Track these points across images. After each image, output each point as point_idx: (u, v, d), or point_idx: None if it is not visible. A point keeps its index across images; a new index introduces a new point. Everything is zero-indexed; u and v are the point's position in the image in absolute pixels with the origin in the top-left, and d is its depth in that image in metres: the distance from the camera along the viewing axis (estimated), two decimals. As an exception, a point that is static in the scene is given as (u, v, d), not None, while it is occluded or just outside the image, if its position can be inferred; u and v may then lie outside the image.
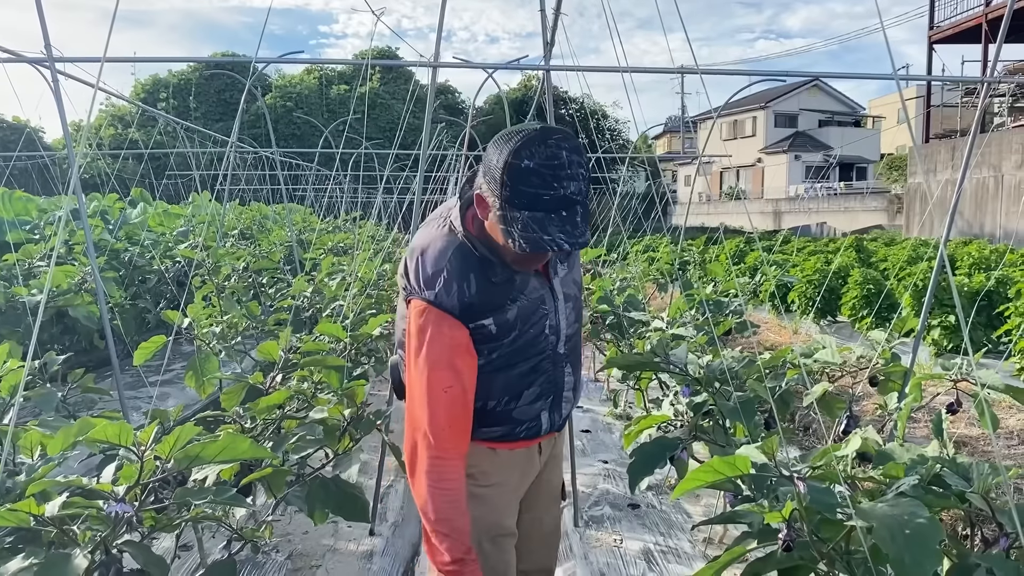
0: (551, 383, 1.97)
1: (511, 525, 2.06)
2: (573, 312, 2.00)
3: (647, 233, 15.48)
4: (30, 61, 3.96)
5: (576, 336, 2.05)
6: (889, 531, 1.48)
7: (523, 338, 1.86)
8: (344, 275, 6.41)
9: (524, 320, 1.85)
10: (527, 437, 2.01)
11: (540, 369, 1.92)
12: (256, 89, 6.42)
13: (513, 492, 2.08)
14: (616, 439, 5.48)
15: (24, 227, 7.61)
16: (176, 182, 16.34)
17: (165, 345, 3.75)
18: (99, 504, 1.73)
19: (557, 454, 2.26)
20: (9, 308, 5.28)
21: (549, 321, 1.91)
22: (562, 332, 1.96)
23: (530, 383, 1.92)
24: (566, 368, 2.01)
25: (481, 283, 1.78)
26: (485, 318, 1.79)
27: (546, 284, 1.92)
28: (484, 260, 1.79)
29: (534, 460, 2.10)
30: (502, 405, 1.92)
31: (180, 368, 7.19)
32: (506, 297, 1.82)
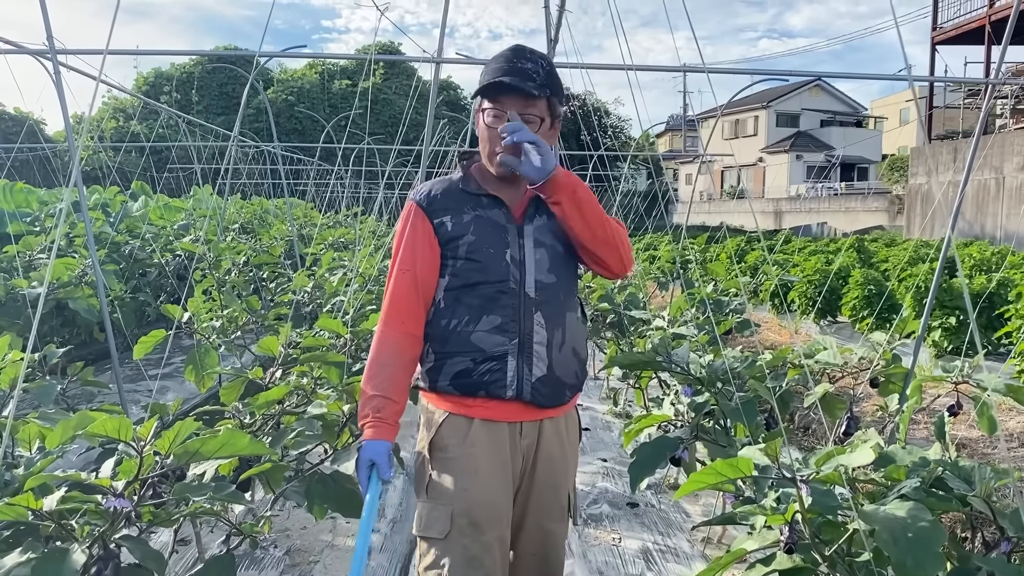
0: (515, 322, 1.99)
1: (483, 515, 1.97)
2: (547, 260, 2.04)
3: (648, 231, 15.48)
4: (32, 53, 3.94)
5: (553, 290, 2.04)
6: (891, 534, 1.48)
7: (480, 253, 2.01)
8: (345, 271, 6.40)
9: (479, 233, 2.02)
10: (491, 386, 1.98)
11: (502, 301, 2.00)
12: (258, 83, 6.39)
13: (489, 477, 1.99)
14: (615, 437, 5.48)
15: (25, 219, 7.60)
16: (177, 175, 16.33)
17: (165, 339, 3.75)
18: (97, 499, 1.72)
19: (556, 455, 2.08)
20: (9, 300, 5.27)
21: (510, 251, 2.02)
22: (528, 271, 2.02)
23: (489, 309, 2.00)
24: (536, 315, 2.00)
25: (449, 187, 2.08)
26: (445, 215, 2.03)
27: (512, 220, 2.05)
28: (464, 178, 2.09)
29: (515, 443, 2.02)
30: (462, 325, 2.00)
31: (179, 362, 7.18)
32: (465, 204, 2.05)
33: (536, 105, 1.99)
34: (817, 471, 1.60)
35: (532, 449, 2.05)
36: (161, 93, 35.69)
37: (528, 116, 1.98)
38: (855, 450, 1.59)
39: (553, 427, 2.08)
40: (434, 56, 3.67)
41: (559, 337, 2.03)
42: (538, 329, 2.00)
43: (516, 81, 1.95)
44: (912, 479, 1.84)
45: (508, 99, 1.98)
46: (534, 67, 1.99)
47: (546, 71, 2.01)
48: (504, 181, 2.06)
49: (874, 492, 1.97)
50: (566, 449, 2.12)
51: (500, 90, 1.98)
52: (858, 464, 1.54)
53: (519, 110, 1.96)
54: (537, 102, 1.99)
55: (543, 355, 2.00)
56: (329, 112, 33.07)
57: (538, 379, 1.99)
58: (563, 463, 2.11)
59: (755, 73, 5.83)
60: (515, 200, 2.07)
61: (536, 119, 1.99)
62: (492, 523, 1.98)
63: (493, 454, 2.00)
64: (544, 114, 2.01)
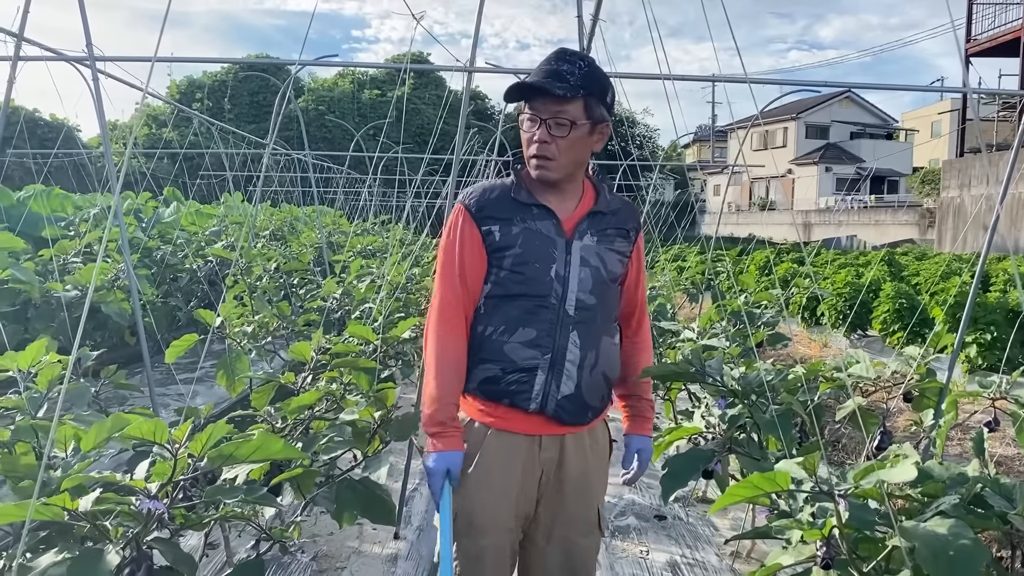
0: (550, 337, 1.99)
1: (482, 520, 2.00)
2: (591, 280, 2.02)
3: (677, 242, 15.39)
4: (71, 60, 4.01)
5: (592, 312, 2.02)
6: (932, 552, 1.45)
7: (525, 267, 1.99)
8: (373, 278, 6.43)
9: (527, 246, 1.99)
10: (516, 396, 1.99)
11: (540, 316, 1.99)
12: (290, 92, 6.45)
13: (496, 485, 2.00)
14: (642, 449, 5.44)
15: (60, 223, 7.72)
16: (209, 182, 16.52)
17: (196, 344, 3.78)
18: (131, 500, 1.74)
19: (579, 469, 2.06)
20: (44, 303, 5.34)
21: (556, 266, 2.00)
22: (571, 288, 2.00)
23: (527, 322, 1.99)
24: (572, 334, 1.99)
25: (501, 194, 2.04)
26: (494, 224, 2.00)
27: (563, 233, 2.02)
28: (516, 185, 2.05)
29: (533, 455, 2.02)
30: (497, 334, 2.00)
31: (210, 366, 7.20)
32: (516, 214, 2.01)
33: (567, 107, 1.94)
34: (856, 486, 1.57)
35: (554, 463, 2.04)
36: (193, 101, 36.16)
37: (559, 119, 1.94)
38: (895, 465, 1.56)
39: (575, 441, 2.07)
40: (466, 65, 3.69)
41: (591, 359, 2.02)
42: (572, 348, 2.00)
43: (543, 82, 1.94)
44: (951, 496, 1.81)
45: (540, 102, 1.96)
46: (570, 68, 1.95)
47: (584, 72, 1.96)
48: (555, 189, 2.04)
49: (911, 508, 1.94)
50: (591, 463, 2.10)
51: (527, 92, 1.98)
52: (899, 480, 1.51)
53: (550, 114, 1.94)
54: (568, 104, 1.94)
55: (573, 374, 2.00)
56: (359, 121, 33.30)
57: (564, 396, 1.99)
58: (587, 478, 2.09)
59: (788, 84, 5.78)
60: (567, 212, 2.05)
61: (567, 122, 1.94)
62: (490, 528, 2.01)
63: (506, 465, 2.01)
64: (578, 116, 1.95)
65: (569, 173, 2.03)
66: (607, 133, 2.05)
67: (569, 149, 1.98)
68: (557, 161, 1.98)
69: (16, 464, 2.00)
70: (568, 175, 2.03)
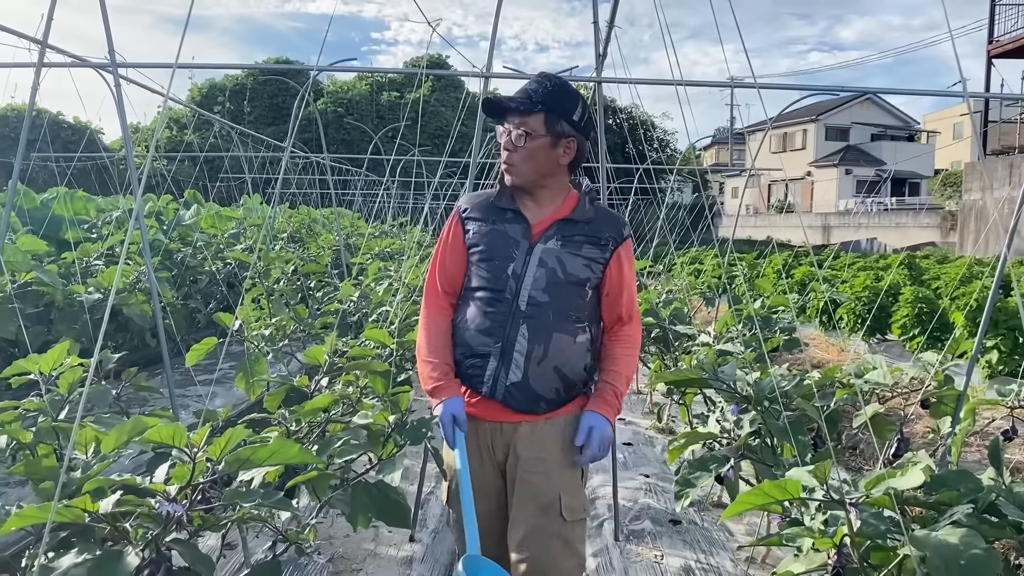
0: (502, 328, 2.20)
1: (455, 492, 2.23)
2: (545, 280, 2.20)
3: (694, 245, 15.35)
4: (94, 66, 4.06)
5: (544, 308, 2.19)
6: (944, 561, 1.45)
7: (487, 263, 2.24)
8: (391, 281, 6.46)
9: (491, 244, 2.25)
10: (472, 380, 2.23)
11: (495, 308, 2.22)
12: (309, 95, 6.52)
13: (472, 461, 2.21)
14: (658, 453, 5.44)
15: (83, 226, 7.81)
16: (229, 184, 16.64)
17: (215, 346, 3.82)
18: (151, 502, 1.77)
19: (532, 454, 2.22)
20: (67, 305, 5.41)
21: (514, 265, 2.22)
22: (524, 286, 2.20)
23: (484, 313, 2.23)
24: (522, 327, 2.19)
25: (485, 199, 2.32)
26: (473, 223, 2.29)
27: (529, 236, 2.24)
28: (499, 192, 2.31)
29: (496, 439, 2.24)
30: (463, 322, 2.27)
31: (228, 368, 7.28)
32: (491, 216, 2.28)
33: (528, 120, 2.18)
34: (867, 494, 1.57)
35: (513, 447, 2.23)
36: (214, 104, 36.42)
37: (520, 130, 2.18)
38: (905, 473, 1.57)
39: (531, 429, 2.23)
40: (483, 70, 3.71)
41: (539, 352, 2.18)
42: (520, 339, 2.19)
43: (501, 97, 2.26)
44: (964, 504, 1.80)
45: (510, 116, 2.22)
46: (536, 87, 2.20)
47: (548, 91, 2.20)
48: (531, 196, 2.28)
49: (925, 517, 1.93)
50: (548, 450, 2.22)
51: (493, 107, 2.27)
52: (908, 487, 1.51)
53: (514, 125, 2.19)
54: (528, 117, 2.18)
55: (521, 363, 2.18)
56: (377, 123, 33.46)
57: (512, 384, 2.19)
58: (544, 464, 2.21)
59: (804, 88, 5.76)
60: (539, 217, 2.27)
61: (525, 133, 2.17)
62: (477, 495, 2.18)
63: (473, 441, 2.25)
64: (537, 129, 2.18)
65: (533, 181, 2.25)
66: (574, 148, 2.25)
67: (529, 158, 2.20)
68: (518, 168, 2.22)
69: (38, 466, 2.04)
70: (534, 183, 2.25)
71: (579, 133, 2.24)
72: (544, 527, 2.18)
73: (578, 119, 2.23)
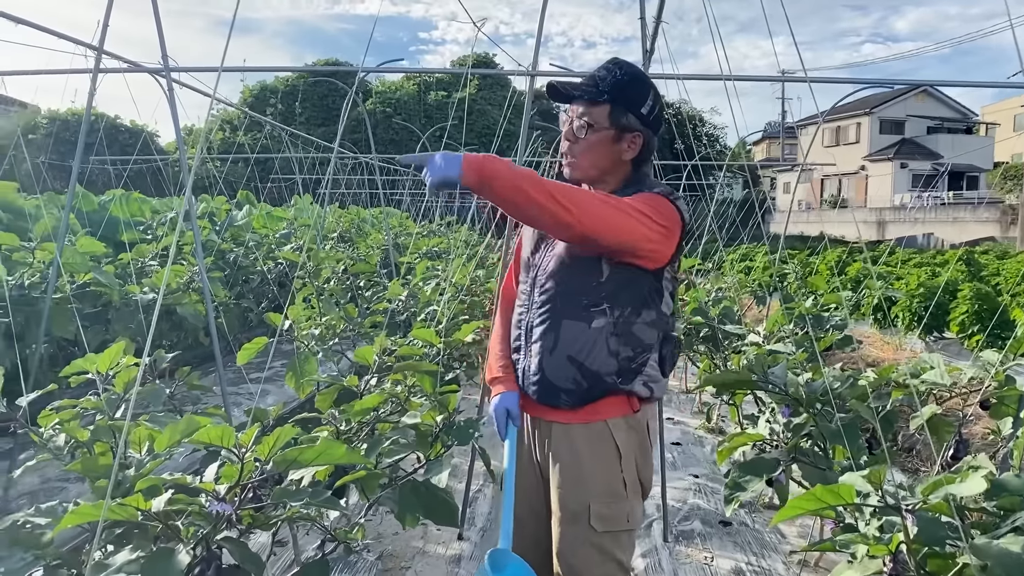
0: (525, 318, 2.18)
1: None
2: (552, 266, 2.12)
3: (744, 241, 15.13)
4: (148, 71, 4.15)
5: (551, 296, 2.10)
6: (1005, 571, 1.40)
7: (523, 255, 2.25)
8: (438, 281, 6.48)
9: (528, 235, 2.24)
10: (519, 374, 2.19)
11: (520, 301, 2.22)
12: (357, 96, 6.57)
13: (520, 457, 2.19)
14: (707, 453, 5.37)
15: (138, 227, 7.99)
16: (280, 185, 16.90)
17: (267, 345, 3.87)
18: (201, 501, 1.79)
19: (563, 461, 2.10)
20: (123, 305, 5.53)
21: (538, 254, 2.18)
22: (539, 275, 2.15)
23: (516, 306, 2.24)
24: (538, 317, 2.13)
25: None
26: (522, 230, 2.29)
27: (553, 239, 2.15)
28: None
29: (527, 436, 2.22)
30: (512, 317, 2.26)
31: (279, 366, 7.41)
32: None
33: (592, 111, 2.07)
34: (923, 500, 1.52)
35: (548, 448, 2.16)
36: (267, 105, 37.00)
37: (582, 121, 2.07)
38: (965, 479, 1.51)
39: (564, 431, 2.13)
40: (529, 68, 3.69)
41: (550, 341, 2.10)
42: (536, 329, 2.14)
43: (562, 83, 2.11)
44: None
45: (575, 104, 2.11)
46: (605, 75, 2.07)
47: (616, 80, 2.06)
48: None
49: (985, 523, 1.87)
50: (580, 455, 2.10)
51: (557, 93, 2.13)
52: (968, 494, 1.46)
53: (576, 115, 2.09)
54: (592, 107, 2.07)
55: (537, 354, 2.12)
56: (424, 123, 33.64)
57: (534, 375, 2.13)
58: (578, 470, 2.10)
59: (856, 82, 5.64)
60: None
61: (587, 124, 2.06)
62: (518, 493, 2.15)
63: (520, 437, 2.21)
64: (601, 121, 2.06)
65: (592, 176, 2.11)
66: (639, 143, 2.10)
67: (588, 151, 2.09)
68: (577, 161, 2.11)
69: (94, 464, 2.09)
70: (593, 178, 2.11)
71: (647, 128, 2.09)
72: (576, 534, 2.10)
73: (647, 112, 2.08)
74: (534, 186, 1.81)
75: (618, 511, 2.08)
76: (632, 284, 2.06)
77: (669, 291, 2.15)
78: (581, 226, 1.87)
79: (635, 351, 2.07)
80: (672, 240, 2.05)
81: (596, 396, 2.07)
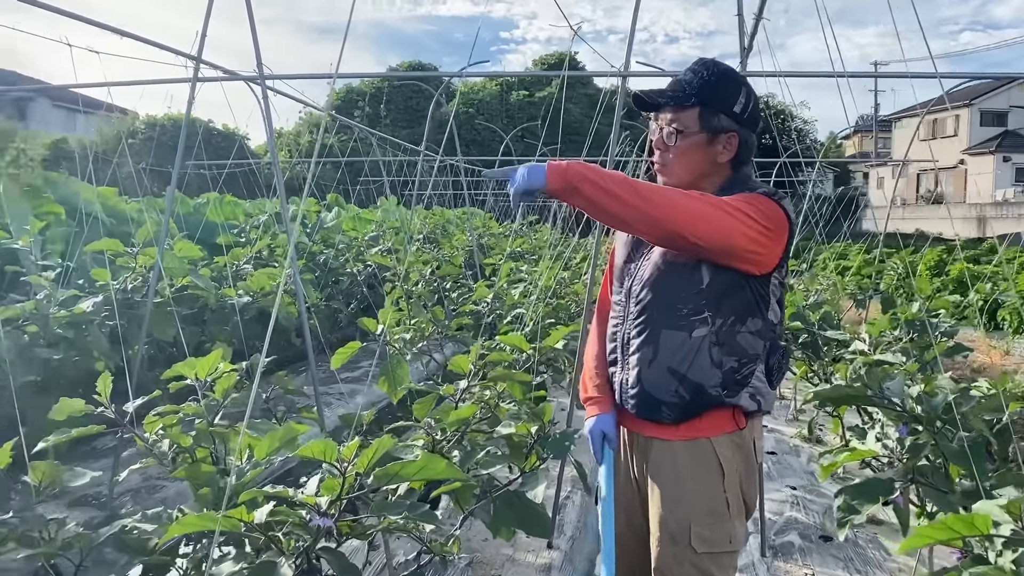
0: (620, 329, 2.09)
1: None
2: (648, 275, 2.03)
3: (843, 238, 14.60)
4: (244, 79, 4.24)
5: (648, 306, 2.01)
6: None
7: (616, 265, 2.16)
8: (525, 283, 6.46)
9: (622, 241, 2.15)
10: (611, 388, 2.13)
11: (615, 313, 2.13)
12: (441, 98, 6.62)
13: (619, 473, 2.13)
14: (803, 463, 5.19)
15: (232, 230, 8.20)
16: (368, 187, 17.19)
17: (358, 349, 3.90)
18: (301, 514, 1.79)
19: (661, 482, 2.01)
20: (219, 307, 5.68)
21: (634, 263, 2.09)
22: (634, 284, 2.06)
23: (611, 318, 2.15)
24: (634, 328, 2.04)
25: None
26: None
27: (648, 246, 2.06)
28: None
29: (626, 451, 2.14)
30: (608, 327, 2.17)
31: (367, 366, 7.52)
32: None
33: (680, 116, 2.01)
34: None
35: (645, 466, 2.08)
36: (354, 108, 37.71)
37: (672, 127, 2.01)
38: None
39: (664, 448, 2.03)
40: (620, 69, 3.62)
41: (649, 353, 2.01)
42: (633, 341, 2.05)
43: (649, 93, 2.07)
44: None
45: (663, 110, 2.05)
46: (691, 78, 2.01)
47: (704, 82, 2.00)
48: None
49: None
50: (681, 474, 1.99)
51: (637, 102, 2.10)
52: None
53: (665, 122, 2.03)
54: (681, 112, 2.01)
55: (634, 366, 2.04)
56: (507, 123, 33.74)
57: (632, 388, 2.04)
58: (673, 488, 2.00)
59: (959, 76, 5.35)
60: None
61: (677, 130, 2.00)
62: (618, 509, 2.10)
63: (618, 452, 2.15)
64: (691, 125, 2.00)
65: (689, 182, 2.02)
66: (735, 143, 2.02)
67: (680, 157, 2.02)
68: (671, 168, 2.05)
69: (197, 471, 2.12)
70: (689, 184, 2.01)
71: (742, 127, 2.01)
72: (676, 555, 2.00)
73: (740, 111, 2.01)
74: (623, 186, 1.78)
75: (720, 532, 1.98)
76: (736, 290, 1.95)
77: (776, 298, 2.03)
78: (675, 224, 1.80)
79: (740, 362, 1.97)
80: (778, 243, 1.95)
81: (699, 410, 1.97)
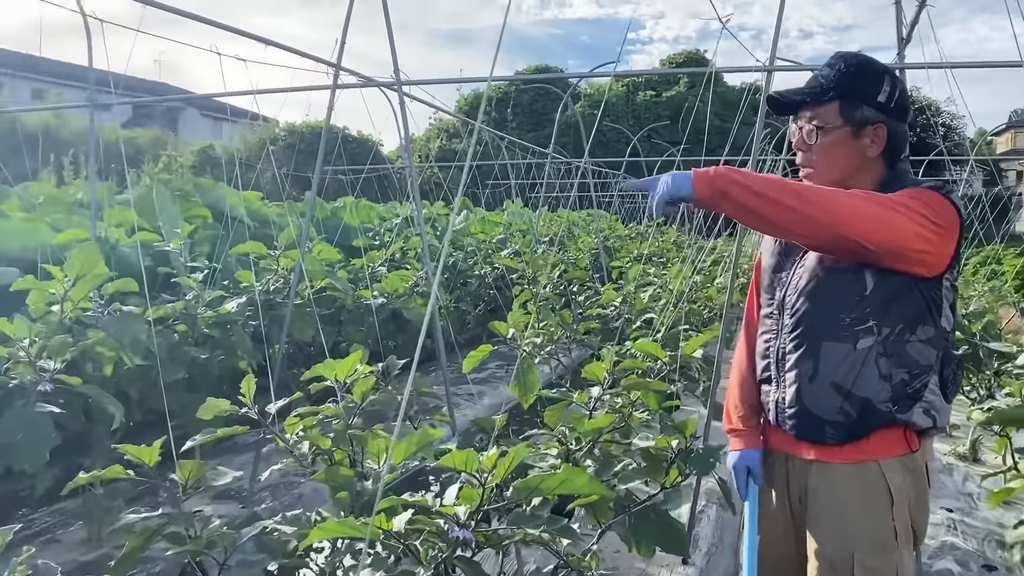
0: (774, 344, 1.95)
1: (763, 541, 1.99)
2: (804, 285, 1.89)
3: (999, 241, 13.60)
4: (381, 85, 4.31)
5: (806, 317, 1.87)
6: None
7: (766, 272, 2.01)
8: (655, 287, 6.33)
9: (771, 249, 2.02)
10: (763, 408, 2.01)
11: (766, 327, 2.00)
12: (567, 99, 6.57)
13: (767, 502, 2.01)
14: (958, 483, 4.82)
15: (367, 233, 8.42)
16: (495, 190, 17.39)
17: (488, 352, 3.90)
18: (439, 523, 1.77)
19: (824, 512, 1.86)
20: (355, 308, 5.84)
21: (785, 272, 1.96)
22: (789, 294, 1.93)
23: (762, 333, 2.01)
24: (791, 342, 1.90)
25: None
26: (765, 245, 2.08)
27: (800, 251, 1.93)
28: None
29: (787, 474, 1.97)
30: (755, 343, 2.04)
31: (493, 367, 7.57)
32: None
33: (819, 112, 1.90)
34: None
35: (804, 489, 1.93)
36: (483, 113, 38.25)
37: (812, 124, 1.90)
38: None
39: (825, 471, 1.87)
40: (766, 64, 3.47)
41: (809, 368, 1.86)
42: (790, 356, 1.91)
43: (783, 92, 1.99)
44: None
45: (802, 109, 1.95)
46: (827, 72, 1.91)
47: (841, 73, 1.89)
48: None
49: None
50: (845, 499, 1.84)
51: (773, 105, 2.01)
52: None
53: (805, 120, 1.92)
54: (820, 108, 1.90)
55: (792, 383, 1.89)
56: (633, 124, 33.39)
57: (790, 407, 1.90)
58: (835, 516, 1.85)
59: None
60: None
61: (817, 127, 1.89)
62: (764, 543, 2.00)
63: (767, 474, 2.03)
64: (831, 119, 1.88)
65: (837, 181, 1.86)
66: (883, 135, 1.88)
67: (824, 155, 1.90)
68: (816, 168, 1.92)
69: (336, 475, 2.14)
70: (839, 182, 1.85)
71: (889, 117, 1.87)
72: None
73: (885, 100, 1.86)
74: (776, 189, 1.67)
75: (887, 564, 1.81)
76: (904, 296, 1.79)
77: (949, 302, 1.85)
78: (839, 226, 1.67)
79: (911, 373, 1.79)
80: (950, 241, 1.77)
81: (868, 429, 1.81)
